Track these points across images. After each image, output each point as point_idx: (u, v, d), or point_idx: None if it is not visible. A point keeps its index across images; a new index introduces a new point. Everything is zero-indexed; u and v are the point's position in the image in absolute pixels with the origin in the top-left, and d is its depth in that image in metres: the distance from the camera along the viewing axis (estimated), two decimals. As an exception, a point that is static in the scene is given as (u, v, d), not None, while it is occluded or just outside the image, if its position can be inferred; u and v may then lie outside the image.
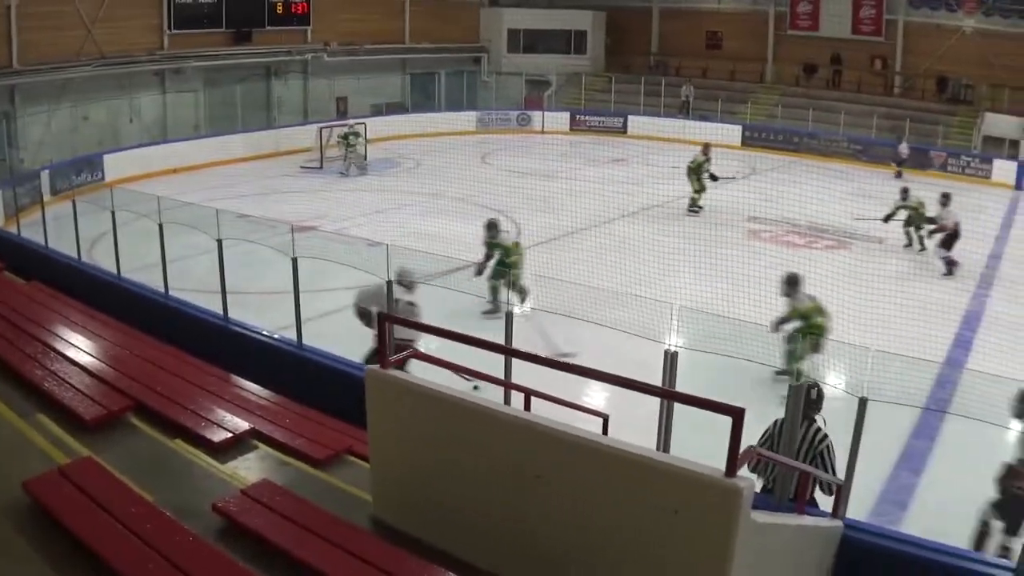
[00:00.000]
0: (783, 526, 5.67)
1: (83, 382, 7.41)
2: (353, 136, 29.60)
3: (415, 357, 6.21)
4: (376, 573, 4.66)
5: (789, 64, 39.42)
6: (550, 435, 4.79)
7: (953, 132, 33.68)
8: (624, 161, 31.55)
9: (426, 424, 5.41)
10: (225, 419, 7.25)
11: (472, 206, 23.53)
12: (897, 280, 16.37)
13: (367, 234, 13.36)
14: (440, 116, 36.98)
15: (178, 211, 12.99)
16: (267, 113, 35.06)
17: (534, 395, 7.48)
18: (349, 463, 7.25)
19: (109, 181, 25.18)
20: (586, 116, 39.70)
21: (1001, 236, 22.58)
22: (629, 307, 9.37)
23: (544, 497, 4.89)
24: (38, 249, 15.31)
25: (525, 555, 5.04)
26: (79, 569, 4.61)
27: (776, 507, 7.05)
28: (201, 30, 31.77)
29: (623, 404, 9.90)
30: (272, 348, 10.90)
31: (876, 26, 37.33)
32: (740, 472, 4.26)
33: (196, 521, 5.20)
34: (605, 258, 17.52)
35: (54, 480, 5.29)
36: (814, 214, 21.17)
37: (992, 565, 6.43)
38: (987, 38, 34.39)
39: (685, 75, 40.46)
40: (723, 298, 14.31)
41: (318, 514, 5.34)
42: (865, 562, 6.65)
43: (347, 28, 36.42)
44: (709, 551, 4.30)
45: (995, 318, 15.38)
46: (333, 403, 8.97)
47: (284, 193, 24.83)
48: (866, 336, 12.93)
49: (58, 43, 27.27)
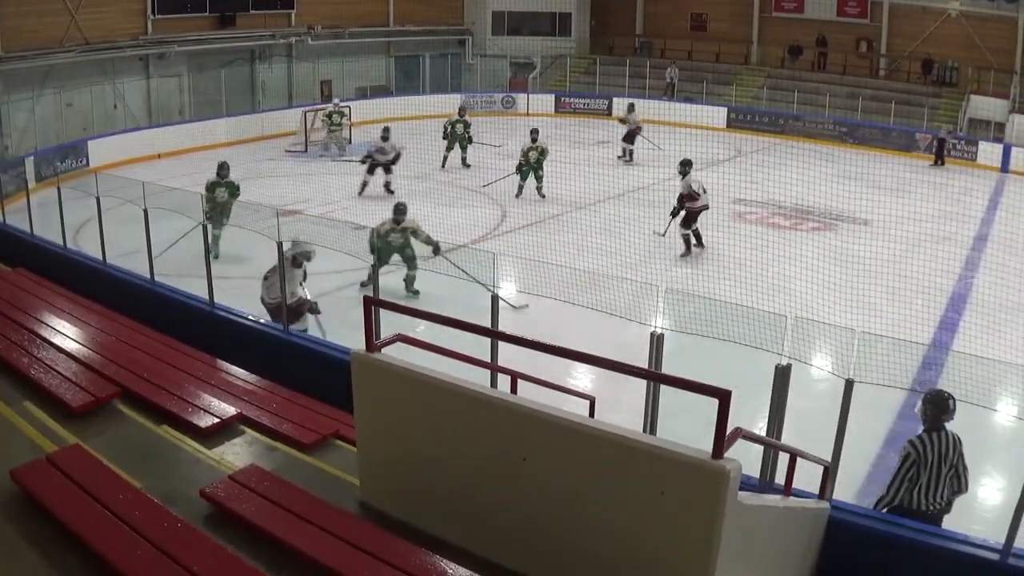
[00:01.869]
0: (770, 508, 5.69)
1: (69, 369, 7.40)
2: (338, 115, 29.47)
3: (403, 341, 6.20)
4: (364, 557, 4.67)
5: (774, 46, 39.36)
6: (537, 418, 4.79)
7: (939, 114, 33.70)
8: (609, 143, 31.53)
9: (413, 407, 5.41)
10: (212, 404, 7.25)
11: (457, 189, 23.53)
12: (883, 262, 16.40)
13: (352, 218, 13.35)
14: (425, 99, 36.90)
15: (163, 196, 12.93)
16: (252, 97, 34.86)
17: (521, 378, 7.48)
18: (336, 447, 7.25)
19: (94, 167, 24.98)
20: (571, 98, 39.59)
21: (987, 218, 22.66)
22: (614, 289, 9.38)
23: (531, 480, 4.89)
24: (23, 236, 15.23)
25: (512, 538, 5.05)
26: (67, 557, 4.61)
27: (763, 489, 7.08)
28: (185, 14, 31.55)
29: (609, 387, 9.94)
30: (258, 333, 10.88)
31: (861, 8, 37.34)
32: (727, 454, 4.28)
33: (184, 507, 5.20)
34: (590, 240, 17.54)
35: (42, 468, 5.28)
36: (799, 196, 21.20)
37: (977, 545, 6.46)
38: (973, 20, 34.40)
39: (670, 57, 40.33)
40: (709, 280, 14.36)
41: (306, 499, 5.34)
42: (852, 543, 6.68)
43: (331, 11, 36.24)
44: (695, 532, 4.31)
45: (981, 300, 15.43)
46: (320, 387, 8.98)
47: (269, 177, 24.72)
48: (852, 318, 13.03)
49: (42, 29, 27.06)
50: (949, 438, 6.97)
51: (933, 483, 6.94)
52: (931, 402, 6.98)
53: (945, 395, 6.95)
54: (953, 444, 6.96)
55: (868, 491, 9.14)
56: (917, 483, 6.95)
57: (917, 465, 6.95)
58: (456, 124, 27.16)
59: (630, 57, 41.00)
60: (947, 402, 6.92)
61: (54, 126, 27.63)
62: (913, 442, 7.01)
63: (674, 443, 4.44)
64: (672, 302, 8.63)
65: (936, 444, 6.92)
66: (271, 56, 35.16)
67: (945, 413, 6.93)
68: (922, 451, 6.94)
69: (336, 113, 29.44)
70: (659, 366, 7.50)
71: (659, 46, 41.89)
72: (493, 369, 8.06)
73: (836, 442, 6.84)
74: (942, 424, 6.97)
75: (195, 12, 31.93)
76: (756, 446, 7.09)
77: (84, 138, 27.10)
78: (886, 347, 7.52)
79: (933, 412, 6.96)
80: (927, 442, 6.95)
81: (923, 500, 6.97)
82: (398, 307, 6.09)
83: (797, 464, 6.38)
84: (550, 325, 12.06)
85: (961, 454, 6.99)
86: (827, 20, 38.03)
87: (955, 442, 6.98)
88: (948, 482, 6.97)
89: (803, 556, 6.48)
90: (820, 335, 9.31)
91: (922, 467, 6.94)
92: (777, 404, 7.08)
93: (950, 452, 6.94)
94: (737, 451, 4.34)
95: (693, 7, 41.50)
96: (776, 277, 15.63)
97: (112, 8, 29.28)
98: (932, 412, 6.96)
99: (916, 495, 6.98)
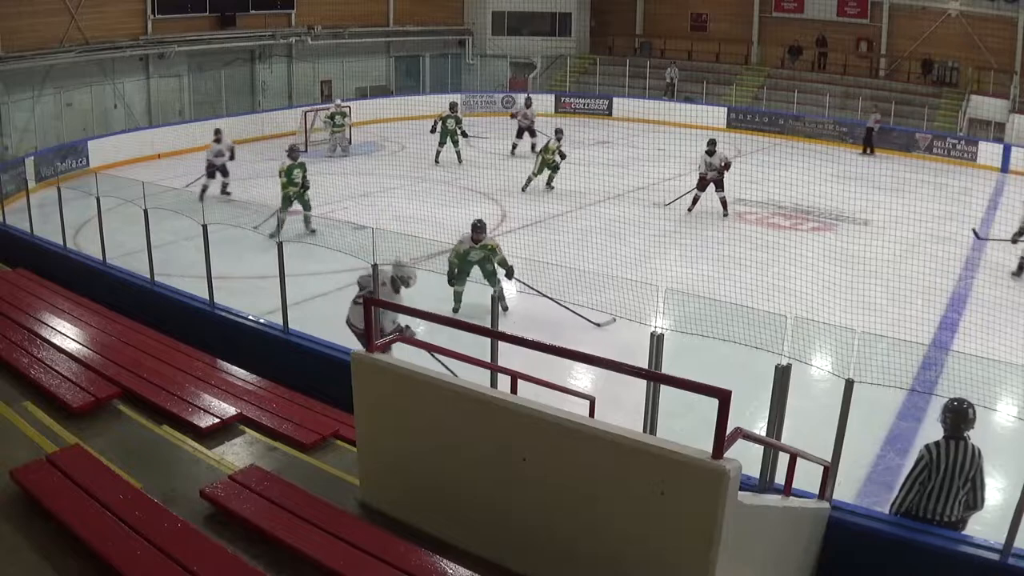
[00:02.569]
0: (770, 508, 5.69)
1: (70, 369, 7.40)
2: (340, 116, 29.48)
3: (402, 341, 6.21)
4: (364, 557, 4.67)
5: (774, 46, 39.34)
6: (537, 418, 4.79)
7: (939, 114, 33.69)
8: (609, 143, 31.50)
9: (412, 408, 5.41)
10: (212, 405, 7.25)
11: (457, 189, 23.52)
12: (883, 262, 16.40)
13: (352, 218, 13.34)
14: (425, 99, 36.90)
15: (163, 196, 12.93)
16: (252, 97, 34.85)
17: (521, 378, 7.48)
18: (336, 447, 7.26)
19: (94, 167, 24.99)
20: (571, 98, 39.60)
21: (987, 218, 22.62)
22: (614, 289, 9.38)
23: (531, 480, 4.90)
24: (23, 236, 15.24)
25: (513, 537, 5.05)
26: (67, 557, 4.61)
27: (763, 489, 7.09)
28: (185, 15, 31.52)
29: (609, 387, 9.94)
30: (258, 333, 10.88)
31: (861, 8, 37.31)
32: (727, 454, 4.28)
33: (184, 507, 5.20)
34: (590, 240, 17.54)
35: (42, 468, 5.28)
36: (799, 196, 21.19)
37: (977, 546, 6.46)
38: (973, 20, 34.37)
39: (670, 57, 40.34)
40: (709, 280, 14.35)
41: (306, 499, 5.34)
42: (852, 543, 6.69)
43: (331, 11, 36.20)
44: (695, 532, 4.31)
45: (981, 300, 15.42)
46: (320, 387, 8.98)
47: (269, 177, 24.70)
48: (852, 318, 13.03)
49: (41, 29, 27.03)
50: (968, 450, 6.86)
51: (944, 492, 6.87)
52: (951, 410, 6.92)
53: (965, 404, 6.86)
54: (972, 457, 6.85)
55: (868, 491, 9.15)
56: (928, 489, 6.93)
57: (929, 469, 6.92)
58: (447, 119, 27.23)
59: (630, 57, 41.00)
60: (967, 411, 6.84)
61: (54, 126, 27.61)
62: (929, 446, 6.98)
63: (674, 443, 4.44)
64: (672, 302, 8.63)
65: (952, 452, 6.86)
66: (271, 56, 35.14)
67: (965, 422, 6.85)
68: (936, 456, 6.89)
69: (338, 114, 29.44)
70: (659, 366, 7.50)
71: (659, 46, 41.86)
72: (493, 369, 8.07)
73: (836, 442, 6.84)
74: (962, 434, 6.89)
75: (195, 12, 31.89)
76: (756, 446, 7.09)
77: (84, 138, 27.07)
78: (886, 347, 7.52)
79: (953, 420, 6.90)
80: (943, 448, 6.90)
81: (934, 508, 6.90)
82: (398, 307, 6.09)
83: (797, 464, 6.38)
84: (550, 325, 12.08)
85: (980, 468, 6.87)
86: (827, 20, 38.00)
87: (974, 455, 6.86)
88: (962, 496, 6.89)
89: (803, 556, 6.49)
90: (820, 335, 9.31)
91: (933, 472, 6.89)
92: (777, 404, 7.08)
93: (966, 464, 6.83)
94: (737, 451, 4.34)
95: (693, 7, 41.47)
96: (776, 277, 15.62)
97: (112, 8, 29.25)
98: (952, 420, 6.91)
99: (927, 502, 6.94)
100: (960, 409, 6.88)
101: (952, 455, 6.84)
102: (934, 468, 6.88)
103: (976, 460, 6.84)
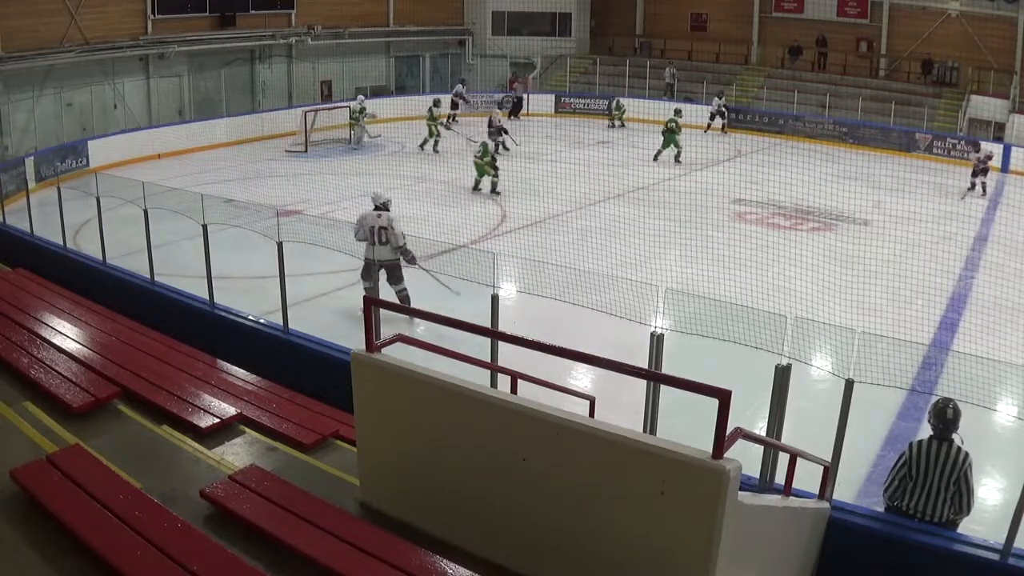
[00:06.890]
0: (770, 508, 5.69)
1: (70, 369, 7.40)
2: (359, 113, 30.62)
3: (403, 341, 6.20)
4: (364, 557, 4.67)
5: (774, 46, 39.38)
6: (537, 418, 4.79)
7: (939, 114, 33.72)
8: (609, 143, 31.51)
9: (412, 407, 5.41)
10: (212, 405, 7.25)
11: (457, 189, 23.53)
12: (883, 262, 16.40)
13: (352, 218, 13.30)
14: (425, 99, 36.89)
15: (163, 196, 12.93)
16: (252, 97, 34.88)
17: (521, 378, 7.48)
18: (336, 447, 7.26)
19: (94, 167, 24.98)
20: (571, 98, 39.61)
21: (987, 218, 22.64)
22: (615, 289, 9.37)
23: (531, 480, 4.89)
24: (23, 236, 15.25)
25: (512, 538, 5.05)
26: (67, 557, 4.61)
27: (763, 489, 7.09)
28: (185, 15, 31.56)
29: (609, 387, 9.93)
30: (258, 333, 10.88)
31: (861, 8, 37.34)
32: (727, 454, 4.28)
33: (184, 507, 5.20)
34: (590, 240, 17.53)
35: (42, 468, 5.27)
36: (799, 196, 21.19)
37: (977, 546, 6.46)
38: (972, 20, 34.38)
39: (670, 57, 40.38)
40: (709, 280, 14.34)
41: (306, 499, 5.34)
42: (852, 543, 6.69)
43: (331, 11, 36.24)
44: (695, 532, 4.31)
45: (981, 300, 15.42)
46: (320, 387, 8.98)
47: (269, 177, 24.73)
48: (852, 318, 13.02)
49: (41, 29, 27.06)
50: (952, 452, 6.81)
51: (924, 490, 6.85)
52: (932, 412, 6.93)
53: (940, 404, 6.86)
54: (955, 460, 6.79)
55: (868, 491, 9.15)
56: (908, 485, 6.93)
57: (908, 466, 6.93)
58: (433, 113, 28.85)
59: (630, 57, 41.02)
60: (943, 411, 6.82)
61: (54, 126, 27.64)
62: (911, 444, 6.99)
63: (674, 443, 4.44)
64: (672, 302, 8.61)
65: (932, 453, 6.83)
66: (271, 56, 35.16)
67: (943, 422, 6.84)
68: (915, 454, 6.89)
69: (361, 111, 30.43)
70: (659, 366, 7.51)
71: (659, 46, 41.90)
72: (493, 369, 8.06)
73: (836, 442, 6.84)
74: (948, 436, 6.87)
75: (195, 12, 31.93)
76: (756, 446, 7.09)
77: (84, 138, 27.09)
78: (886, 347, 7.50)
79: (933, 421, 6.91)
80: (923, 448, 6.89)
81: (915, 505, 6.89)
82: (398, 307, 6.09)
83: (797, 464, 6.38)
84: (550, 325, 12.07)
85: (965, 474, 6.80)
86: (827, 20, 38.03)
87: (957, 458, 6.80)
88: (947, 498, 6.86)
89: (803, 556, 6.48)
90: (820, 335, 9.28)
91: (912, 469, 6.90)
92: (777, 404, 7.09)
93: (947, 466, 6.79)
94: (737, 451, 4.34)
95: (693, 7, 41.51)
96: (776, 277, 15.62)
97: (112, 8, 29.27)
98: (932, 421, 6.92)
99: (908, 498, 6.94)
100: (936, 410, 6.91)
101: (933, 456, 6.83)
102: (912, 465, 6.91)
103: (960, 464, 6.80)
